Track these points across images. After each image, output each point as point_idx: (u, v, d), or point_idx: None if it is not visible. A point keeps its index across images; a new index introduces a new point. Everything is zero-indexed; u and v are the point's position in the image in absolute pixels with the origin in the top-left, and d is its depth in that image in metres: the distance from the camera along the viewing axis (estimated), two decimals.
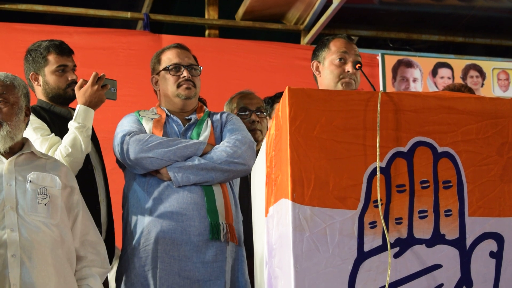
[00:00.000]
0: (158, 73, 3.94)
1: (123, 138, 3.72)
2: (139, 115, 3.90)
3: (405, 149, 2.72)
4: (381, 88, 6.82)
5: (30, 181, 3.22)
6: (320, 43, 3.87)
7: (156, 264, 3.61)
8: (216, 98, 5.36)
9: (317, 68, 3.82)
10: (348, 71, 3.70)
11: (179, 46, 3.99)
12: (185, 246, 3.62)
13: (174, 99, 3.90)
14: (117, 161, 3.86)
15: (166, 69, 3.90)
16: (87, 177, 3.72)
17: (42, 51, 3.88)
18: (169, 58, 3.93)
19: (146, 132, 3.79)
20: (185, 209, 3.64)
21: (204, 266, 3.62)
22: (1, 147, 3.23)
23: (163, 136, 3.77)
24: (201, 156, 3.71)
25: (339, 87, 3.69)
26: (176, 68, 3.90)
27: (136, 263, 3.65)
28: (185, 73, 3.88)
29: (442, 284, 2.67)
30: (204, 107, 4.00)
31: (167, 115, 3.89)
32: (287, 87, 2.71)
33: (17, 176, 3.24)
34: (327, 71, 3.76)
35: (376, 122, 2.69)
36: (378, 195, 2.65)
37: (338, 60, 3.73)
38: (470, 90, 4.69)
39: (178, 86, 3.88)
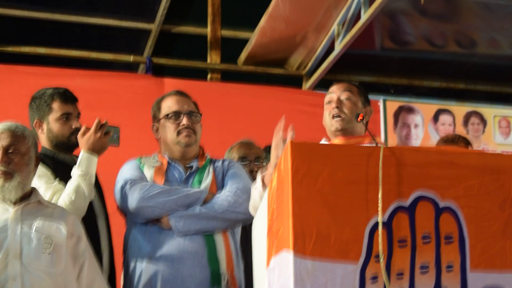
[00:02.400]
0: (158, 121, 3.94)
1: (124, 187, 3.73)
2: (141, 162, 3.89)
3: (406, 203, 2.72)
4: (382, 134, 6.83)
5: (35, 230, 3.23)
6: None
7: None
8: (218, 141, 5.35)
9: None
10: (333, 107, 3.58)
11: (178, 93, 3.98)
12: None
13: (174, 146, 3.89)
14: (118, 208, 3.86)
15: (166, 117, 3.90)
16: (89, 226, 3.69)
17: (46, 99, 3.87)
18: (168, 106, 3.93)
19: (147, 180, 3.78)
20: (186, 258, 3.63)
21: None
22: (12, 197, 3.25)
23: (164, 183, 3.77)
24: (202, 204, 3.71)
25: (332, 125, 3.58)
26: (175, 115, 3.89)
27: None
28: (184, 121, 3.87)
29: None
30: (206, 154, 3.99)
31: (168, 162, 3.89)
32: (289, 141, 2.71)
33: (22, 224, 3.24)
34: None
35: (378, 177, 2.69)
36: (380, 249, 2.64)
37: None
38: (465, 140, 4.68)
39: (178, 133, 3.87)
